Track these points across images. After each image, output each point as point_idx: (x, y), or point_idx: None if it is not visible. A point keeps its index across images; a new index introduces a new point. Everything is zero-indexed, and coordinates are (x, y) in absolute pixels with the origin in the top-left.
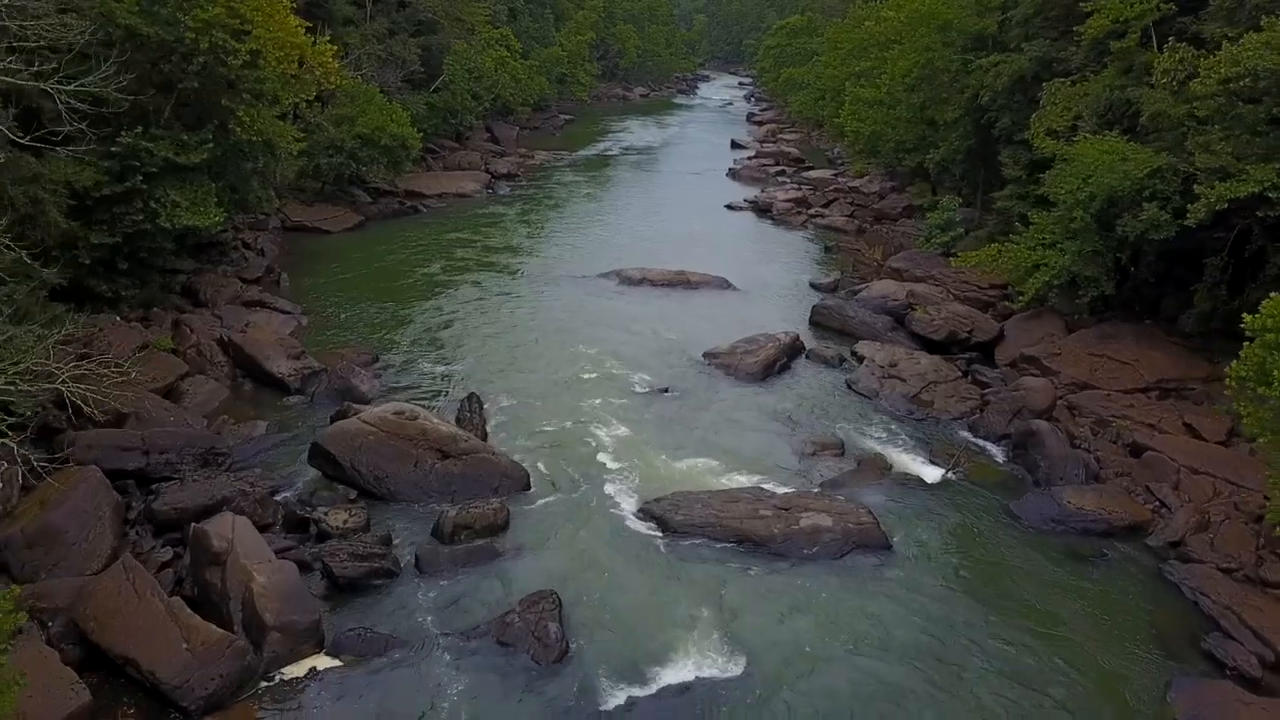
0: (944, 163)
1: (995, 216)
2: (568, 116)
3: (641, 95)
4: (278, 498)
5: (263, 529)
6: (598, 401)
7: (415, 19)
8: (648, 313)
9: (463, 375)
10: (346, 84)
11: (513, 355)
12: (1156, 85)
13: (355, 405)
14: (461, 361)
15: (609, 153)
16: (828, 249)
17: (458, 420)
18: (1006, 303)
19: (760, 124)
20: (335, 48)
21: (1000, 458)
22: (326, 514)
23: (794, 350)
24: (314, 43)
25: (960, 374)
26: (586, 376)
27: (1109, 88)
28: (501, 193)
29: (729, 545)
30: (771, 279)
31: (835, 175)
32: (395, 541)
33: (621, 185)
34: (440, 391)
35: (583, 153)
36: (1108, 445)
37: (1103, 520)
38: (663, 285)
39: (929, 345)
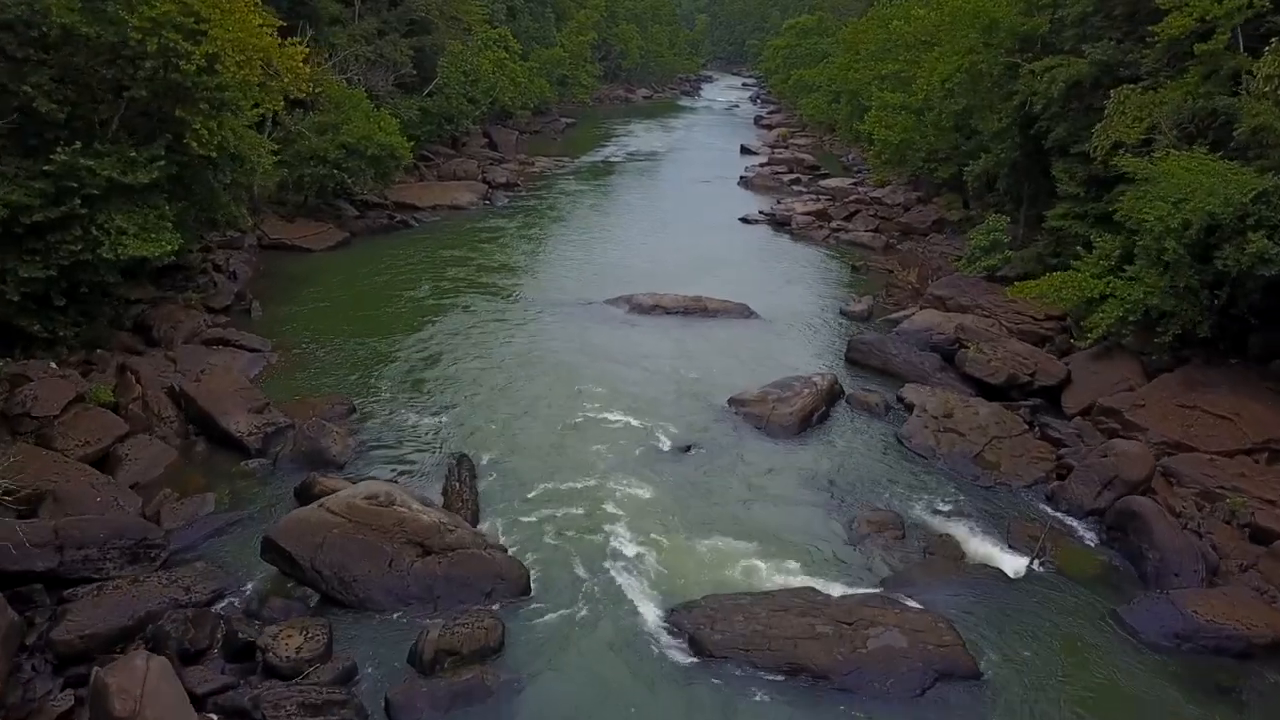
0: (985, 175)
1: (1045, 236)
2: (569, 120)
3: (645, 97)
4: (220, 606)
5: (196, 656)
6: (610, 461)
7: (407, 18)
8: (663, 346)
9: (451, 428)
10: (331, 89)
11: (510, 400)
12: (1255, 94)
13: (321, 479)
14: (450, 409)
15: (613, 159)
16: (855, 269)
17: (444, 491)
18: (1066, 337)
19: (769, 128)
20: (306, 50)
21: (1092, 540)
22: (276, 637)
23: (833, 396)
24: (282, 45)
25: (1026, 426)
26: (595, 427)
27: (1191, 96)
28: (499, 204)
29: (780, 677)
30: (797, 305)
31: (854, 184)
32: (360, 675)
33: (628, 196)
34: (425, 451)
35: (586, 159)
36: (1221, 526)
37: (1239, 636)
38: (678, 313)
39: (984, 389)
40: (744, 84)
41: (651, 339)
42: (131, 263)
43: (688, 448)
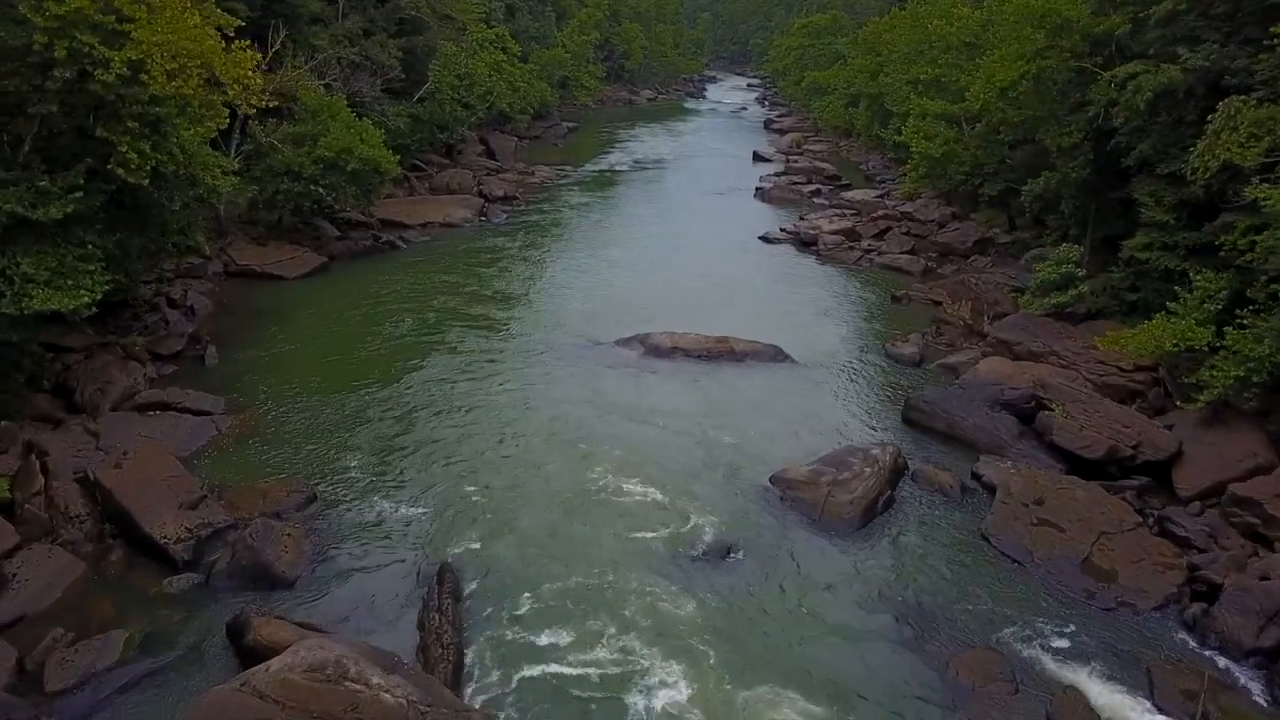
0: (1046, 195)
1: (1121, 267)
2: (571, 124)
3: (649, 99)
4: None
5: None
6: (629, 566)
7: (396, 16)
8: (686, 400)
9: (432, 519)
10: (307, 96)
11: (505, 473)
12: None
13: (257, 622)
14: (432, 490)
15: (619, 167)
16: (895, 299)
17: (420, 624)
18: (1160, 391)
19: (781, 132)
20: (258, 56)
21: (1262, 697)
22: None
23: (897, 474)
24: (227, 49)
25: (1137, 517)
26: (610, 512)
27: None
28: (496, 221)
29: None
30: (835, 345)
31: (880, 196)
32: None
33: (636, 209)
34: (398, 559)
35: (589, 168)
36: None
37: None
38: (700, 357)
39: (1074, 462)
40: (749, 84)
41: (672, 390)
42: (38, 317)
43: (726, 551)
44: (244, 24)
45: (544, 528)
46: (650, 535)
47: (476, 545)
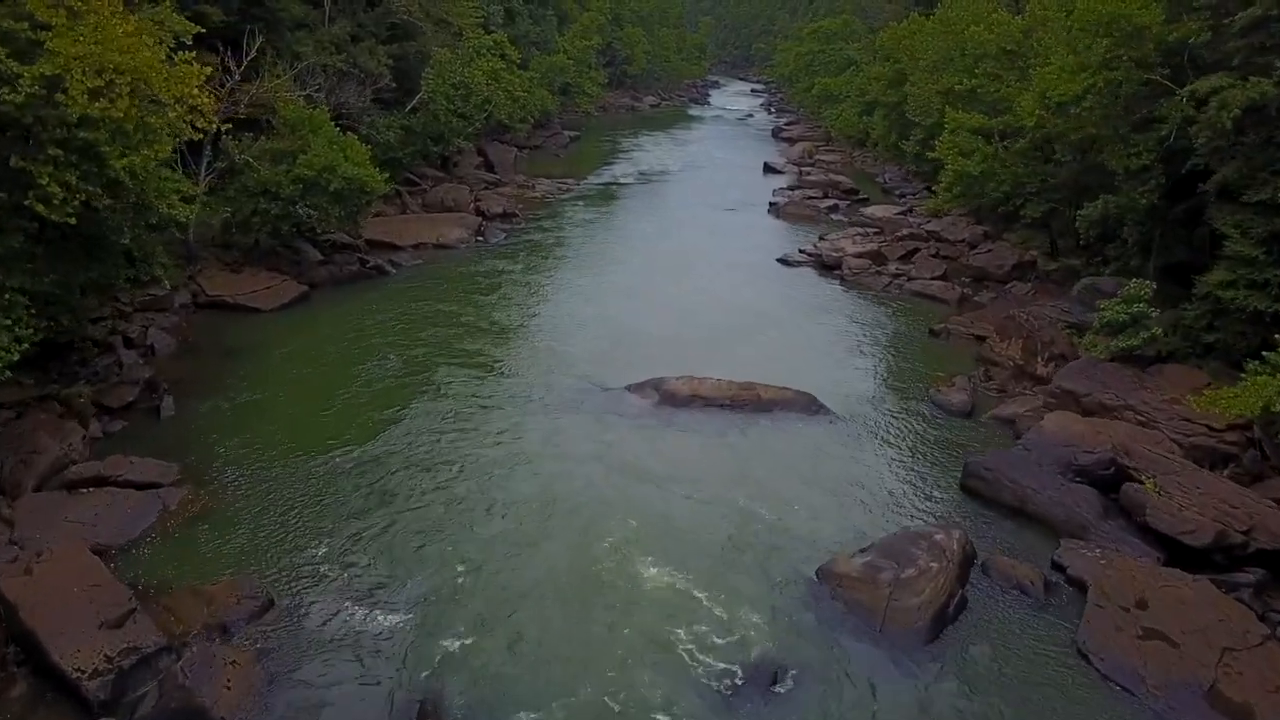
0: (1105, 220)
1: (1196, 305)
2: (573, 133)
3: (652, 105)
4: None
5: None
6: (654, 691)
7: (387, 21)
8: (711, 462)
9: (412, 628)
10: (286, 109)
11: (498, 561)
12: None
13: None
14: (412, 585)
15: (623, 180)
16: (933, 333)
17: None
18: (1257, 454)
19: (791, 141)
20: (207, 70)
21: None
22: None
23: (966, 566)
24: (170, 61)
25: (1262, 626)
26: (626, 607)
27: None
28: (495, 240)
29: None
30: (872, 391)
31: (903, 213)
32: None
33: (643, 226)
34: (370, 688)
35: (592, 180)
36: None
37: None
38: (723, 406)
39: (1170, 546)
40: (753, 90)
41: (694, 449)
42: None
43: (773, 675)
44: (218, 28)
45: (545, 626)
46: (676, 640)
47: (465, 656)
